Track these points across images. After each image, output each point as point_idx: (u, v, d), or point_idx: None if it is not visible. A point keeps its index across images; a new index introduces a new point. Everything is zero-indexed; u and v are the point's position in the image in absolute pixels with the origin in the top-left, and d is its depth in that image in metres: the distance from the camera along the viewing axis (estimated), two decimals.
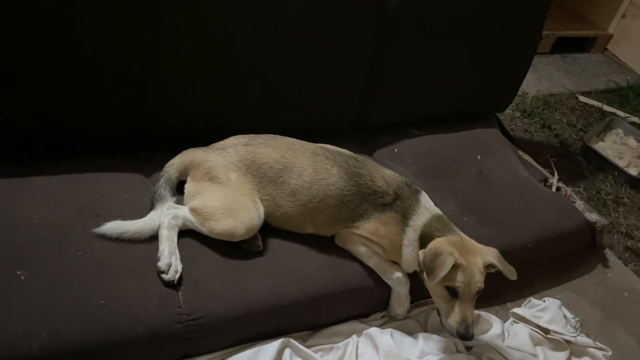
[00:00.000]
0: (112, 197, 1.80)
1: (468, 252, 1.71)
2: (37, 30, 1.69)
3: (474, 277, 1.68)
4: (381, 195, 1.82)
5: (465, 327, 1.68)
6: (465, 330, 1.68)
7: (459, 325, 1.69)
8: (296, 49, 2.10)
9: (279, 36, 2.04)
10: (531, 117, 3.60)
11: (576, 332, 2.10)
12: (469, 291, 1.69)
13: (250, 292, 1.68)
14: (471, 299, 1.71)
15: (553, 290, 2.34)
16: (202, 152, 1.83)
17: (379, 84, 2.40)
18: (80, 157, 1.91)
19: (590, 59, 4.56)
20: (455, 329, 1.70)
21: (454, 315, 1.70)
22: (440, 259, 1.65)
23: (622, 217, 2.92)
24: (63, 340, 1.43)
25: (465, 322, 1.69)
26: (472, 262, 1.69)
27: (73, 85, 1.82)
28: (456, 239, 1.76)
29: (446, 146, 2.56)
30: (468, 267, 1.68)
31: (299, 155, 1.83)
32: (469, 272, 1.68)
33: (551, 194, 2.55)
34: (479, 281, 1.69)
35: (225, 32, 1.94)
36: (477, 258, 1.72)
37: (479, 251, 1.75)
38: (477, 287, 1.70)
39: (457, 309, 1.70)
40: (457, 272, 1.66)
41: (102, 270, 1.57)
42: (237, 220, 1.70)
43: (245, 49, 2.00)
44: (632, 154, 3.36)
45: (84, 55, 1.78)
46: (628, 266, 2.60)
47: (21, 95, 1.78)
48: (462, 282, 1.67)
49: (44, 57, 1.74)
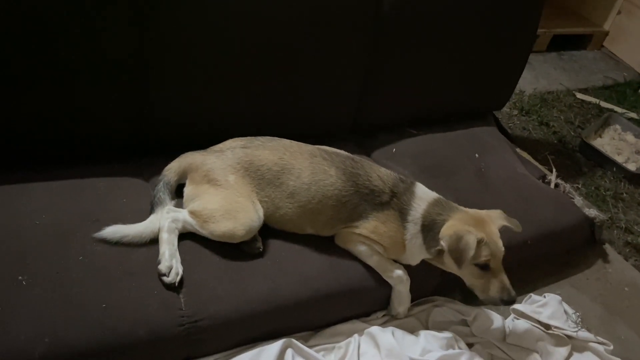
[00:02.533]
0: (112, 201, 1.81)
1: (481, 223, 1.74)
2: (36, 34, 1.70)
3: (497, 245, 1.72)
4: (378, 195, 1.83)
5: (507, 292, 1.74)
6: (509, 295, 1.74)
7: (501, 294, 1.74)
8: (293, 51, 2.11)
9: (275, 38, 2.05)
10: (529, 115, 3.61)
11: (577, 327, 2.10)
12: (497, 260, 1.73)
13: (251, 294, 1.69)
14: (500, 266, 1.75)
15: (553, 286, 2.34)
16: (200, 156, 1.85)
17: (376, 84, 2.41)
18: (80, 162, 1.92)
19: (586, 56, 4.58)
20: (499, 298, 1.74)
21: (493, 287, 1.74)
22: (463, 241, 1.67)
23: (622, 212, 2.92)
24: (65, 345, 1.44)
25: (506, 289, 1.74)
26: (490, 232, 1.73)
27: (72, 90, 1.83)
28: (464, 215, 1.79)
29: (444, 145, 2.57)
30: (489, 238, 1.70)
31: (296, 157, 1.84)
32: (492, 242, 1.71)
33: (550, 191, 2.56)
34: (501, 246, 1.73)
35: (222, 36, 1.96)
36: (491, 226, 1.75)
37: (489, 218, 1.79)
38: (502, 252, 1.73)
39: (493, 280, 1.74)
40: (481, 247, 1.69)
41: (103, 274, 1.58)
42: (237, 222, 1.71)
43: (242, 52, 2.01)
44: (631, 150, 3.37)
45: (84, 59, 1.79)
46: (628, 261, 2.60)
47: (21, 101, 1.79)
48: (489, 254, 1.70)
49: (43, 62, 1.75)
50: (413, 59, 2.43)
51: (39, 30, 1.70)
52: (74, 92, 1.84)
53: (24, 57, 1.72)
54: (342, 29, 2.17)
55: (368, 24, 2.22)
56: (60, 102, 1.84)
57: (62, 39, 1.74)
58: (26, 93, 1.78)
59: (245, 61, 2.04)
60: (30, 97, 1.79)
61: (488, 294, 1.75)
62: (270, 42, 2.05)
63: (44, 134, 1.88)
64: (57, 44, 1.74)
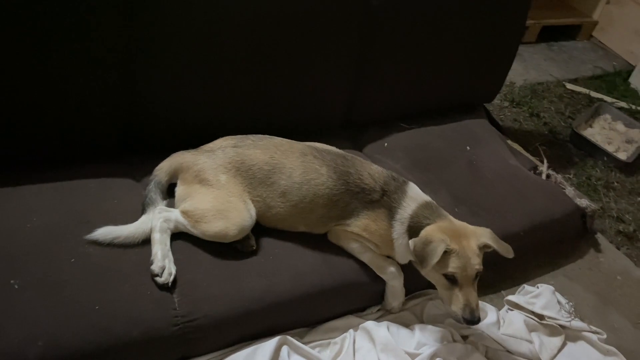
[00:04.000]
0: (103, 202, 1.80)
1: (460, 236, 1.70)
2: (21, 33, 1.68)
3: (469, 260, 1.66)
4: (369, 193, 1.82)
5: (469, 311, 1.67)
6: (471, 315, 1.67)
7: (463, 311, 1.67)
8: (282, 46, 2.10)
9: (265, 34, 2.04)
10: (520, 107, 3.62)
11: (570, 316, 2.12)
12: (466, 275, 1.67)
13: (246, 292, 1.69)
14: (471, 283, 1.69)
15: (546, 276, 2.35)
16: (190, 155, 1.84)
17: (366, 79, 2.41)
18: (70, 164, 1.90)
19: (576, 47, 4.59)
20: (461, 315, 1.68)
21: (456, 302, 1.69)
22: (431, 246, 1.64)
23: (613, 201, 2.94)
24: (59, 347, 1.43)
25: (469, 307, 1.67)
26: (466, 246, 1.68)
27: (60, 90, 1.82)
28: (446, 224, 1.76)
29: (436, 138, 2.57)
30: (461, 251, 1.66)
31: (288, 156, 1.84)
32: (463, 256, 1.66)
33: (541, 182, 2.57)
34: (476, 264, 1.67)
35: (211, 32, 1.94)
36: (471, 241, 1.70)
37: (472, 233, 1.74)
38: (475, 269, 1.68)
39: (459, 294, 1.68)
40: (450, 258, 1.66)
41: (96, 275, 1.57)
42: (229, 222, 1.70)
43: (232, 48, 2.00)
44: (621, 139, 3.39)
45: (71, 58, 1.78)
46: (620, 250, 2.62)
47: (7, 102, 1.77)
48: (457, 267, 1.66)
49: (30, 61, 1.73)
50: (403, 53, 2.43)
51: (24, 29, 1.68)
52: (61, 92, 1.82)
53: (9, 57, 1.70)
54: (331, 24, 2.16)
55: (357, 18, 2.21)
56: (49, 103, 1.83)
57: (48, 37, 1.72)
58: (13, 93, 1.76)
59: (235, 58, 2.03)
60: (17, 98, 1.77)
61: (451, 307, 1.71)
62: (259, 38, 2.04)
63: (32, 136, 1.87)
64: (44, 42, 1.72)
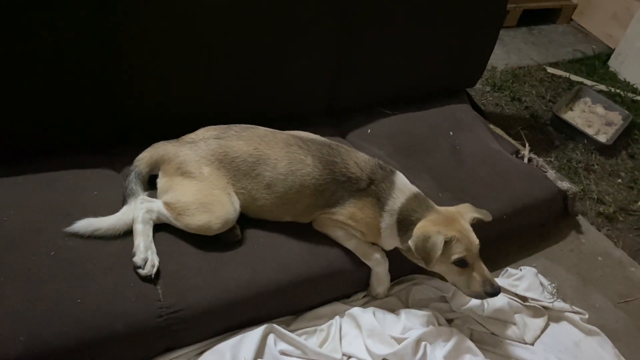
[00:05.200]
0: (82, 194, 1.77)
1: (452, 222, 1.74)
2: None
3: (469, 239, 1.71)
4: (355, 182, 1.82)
5: (490, 284, 1.72)
6: (492, 287, 1.72)
7: (484, 287, 1.72)
8: (263, 35, 2.07)
9: (246, 23, 2.01)
10: (501, 91, 3.64)
11: (553, 298, 2.15)
12: (473, 254, 1.72)
13: (230, 282, 1.68)
14: (478, 259, 1.74)
15: (529, 259, 2.39)
16: (172, 147, 1.80)
17: (347, 65, 2.39)
18: (47, 155, 1.86)
19: (556, 30, 4.62)
20: (483, 292, 1.73)
21: (474, 282, 1.73)
22: (430, 242, 1.66)
23: (593, 183, 2.98)
24: (42, 343, 1.41)
25: (487, 281, 1.72)
26: (461, 228, 1.72)
27: (38, 80, 1.77)
28: (434, 216, 1.77)
29: (419, 124, 2.57)
30: (459, 234, 1.70)
31: (272, 147, 1.81)
32: (464, 238, 1.70)
33: (523, 166, 2.59)
34: (475, 240, 1.73)
35: (192, 21, 1.90)
36: (461, 221, 1.75)
37: (458, 214, 1.78)
38: (477, 245, 1.73)
39: (474, 274, 1.73)
40: (452, 245, 1.69)
41: (77, 269, 1.55)
42: (212, 215, 1.68)
43: (213, 38, 1.97)
44: (601, 122, 3.43)
45: (50, 48, 1.73)
46: (601, 231, 2.66)
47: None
48: (462, 250, 1.69)
49: (4, 51, 1.68)
50: (384, 39, 2.41)
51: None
52: (39, 82, 1.78)
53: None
54: (311, 11, 2.13)
55: (338, 5, 2.18)
56: (24, 93, 1.78)
57: (26, 25, 1.66)
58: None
59: (216, 47, 2.00)
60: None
61: (471, 289, 1.74)
62: (240, 27, 2.00)
63: (7, 128, 1.81)
64: (21, 31, 1.67)
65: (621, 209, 2.83)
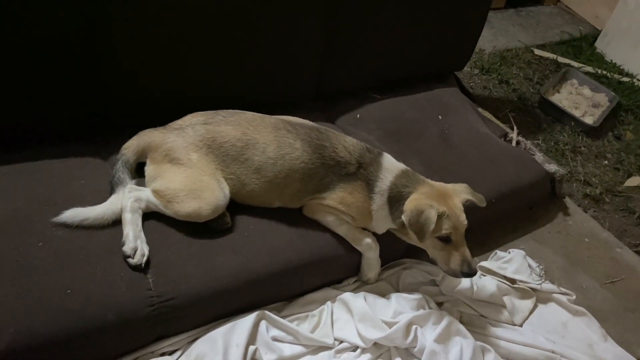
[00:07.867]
0: (69, 183, 1.75)
1: (444, 197, 1.75)
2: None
3: (458, 218, 1.73)
4: (344, 166, 1.81)
5: (467, 265, 1.74)
6: (469, 268, 1.74)
7: (461, 266, 1.74)
8: (250, 19, 2.04)
9: (232, 7, 1.97)
10: (489, 74, 3.64)
11: (541, 279, 2.18)
12: (459, 233, 1.74)
13: (221, 269, 1.67)
14: (462, 239, 1.76)
15: (517, 241, 2.41)
16: (159, 134, 1.78)
17: (335, 50, 2.37)
18: (32, 144, 1.83)
19: (543, 12, 4.61)
20: (460, 271, 1.75)
21: (453, 260, 1.75)
22: (424, 216, 1.67)
23: (580, 165, 3.01)
24: (32, 334, 1.40)
25: (466, 261, 1.74)
26: (452, 205, 1.73)
27: (21, 67, 1.73)
28: (428, 189, 1.78)
29: (407, 108, 2.56)
30: (449, 211, 1.71)
31: (260, 131, 1.80)
32: (453, 216, 1.71)
33: (511, 149, 2.61)
34: (464, 220, 1.74)
35: (178, 4, 1.87)
36: (454, 199, 1.76)
37: (453, 191, 1.79)
38: (464, 225, 1.75)
39: (454, 252, 1.75)
40: (442, 220, 1.70)
41: (66, 259, 1.54)
42: (202, 201, 1.67)
43: (199, 22, 1.94)
44: (587, 104, 3.45)
45: (33, 35, 1.68)
46: (588, 213, 2.70)
47: None
48: (450, 227, 1.71)
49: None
50: (371, 22, 2.39)
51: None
52: (22, 69, 1.74)
53: None
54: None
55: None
56: (7, 80, 1.73)
57: (5, 10, 1.62)
58: None
59: (203, 32, 1.97)
60: None
61: (449, 266, 1.77)
62: (227, 12, 1.97)
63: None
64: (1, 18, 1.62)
65: (607, 190, 2.86)
